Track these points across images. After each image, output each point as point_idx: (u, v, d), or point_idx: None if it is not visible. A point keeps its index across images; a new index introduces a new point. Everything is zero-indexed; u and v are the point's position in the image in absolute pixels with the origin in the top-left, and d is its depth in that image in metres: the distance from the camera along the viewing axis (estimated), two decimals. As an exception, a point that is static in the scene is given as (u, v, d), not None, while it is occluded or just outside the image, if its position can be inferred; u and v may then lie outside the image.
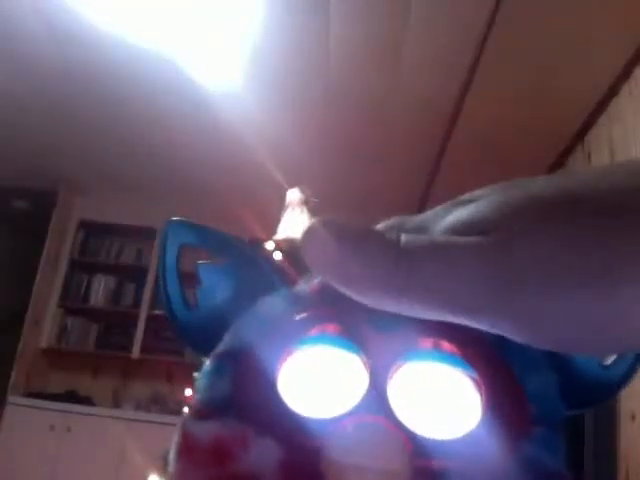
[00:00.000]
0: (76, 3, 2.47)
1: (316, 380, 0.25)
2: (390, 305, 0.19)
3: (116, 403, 4.24)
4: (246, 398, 0.26)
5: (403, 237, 0.19)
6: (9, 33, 2.73)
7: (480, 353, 0.25)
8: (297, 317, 0.27)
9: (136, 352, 4.23)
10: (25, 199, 4.46)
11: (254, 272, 0.31)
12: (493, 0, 2.22)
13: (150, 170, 3.97)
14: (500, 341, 0.26)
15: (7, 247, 4.43)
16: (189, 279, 0.33)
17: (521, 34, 2.38)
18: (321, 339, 0.25)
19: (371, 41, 2.56)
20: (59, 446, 3.77)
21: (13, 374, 3.99)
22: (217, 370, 0.28)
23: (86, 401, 4.11)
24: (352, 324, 0.26)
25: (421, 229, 0.21)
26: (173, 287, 0.32)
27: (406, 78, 2.75)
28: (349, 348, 0.25)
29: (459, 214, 0.20)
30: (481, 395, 0.24)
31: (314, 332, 0.26)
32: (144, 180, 4.01)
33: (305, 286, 0.29)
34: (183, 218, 0.33)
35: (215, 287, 0.31)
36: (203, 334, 0.30)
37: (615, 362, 0.28)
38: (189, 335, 0.32)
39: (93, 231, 4.54)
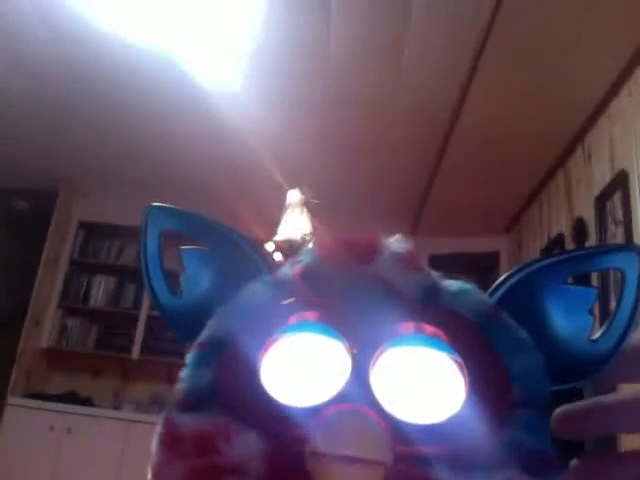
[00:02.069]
0: (76, 3, 2.48)
1: (298, 368, 0.25)
2: None
3: (116, 404, 4.24)
4: (229, 389, 0.26)
5: None
6: (9, 33, 2.74)
7: (463, 336, 0.25)
8: (279, 305, 0.27)
9: (136, 353, 4.23)
10: (25, 199, 4.46)
11: (237, 255, 0.31)
12: (493, 0, 2.22)
13: (150, 170, 3.97)
14: (484, 323, 0.26)
15: (7, 247, 4.43)
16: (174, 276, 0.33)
17: (521, 34, 2.38)
18: (301, 326, 0.25)
19: (372, 41, 2.56)
20: (59, 447, 3.77)
21: (13, 375, 3.99)
22: (199, 360, 0.28)
23: (86, 402, 4.11)
24: (334, 310, 0.26)
25: None
26: (156, 274, 0.32)
27: (406, 78, 2.75)
28: (330, 334, 0.24)
29: None
30: (464, 378, 0.23)
31: (294, 320, 0.25)
32: (144, 180, 4.00)
33: (289, 269, 0.29)
34: (163, 203, 0.33)
35: (199, 273, 0.31)
36: (189, 321, 0.30)
37: (603, 335, 0.27)
38: (176, 322, 0.31)
39: (93, 232, 4.54)
